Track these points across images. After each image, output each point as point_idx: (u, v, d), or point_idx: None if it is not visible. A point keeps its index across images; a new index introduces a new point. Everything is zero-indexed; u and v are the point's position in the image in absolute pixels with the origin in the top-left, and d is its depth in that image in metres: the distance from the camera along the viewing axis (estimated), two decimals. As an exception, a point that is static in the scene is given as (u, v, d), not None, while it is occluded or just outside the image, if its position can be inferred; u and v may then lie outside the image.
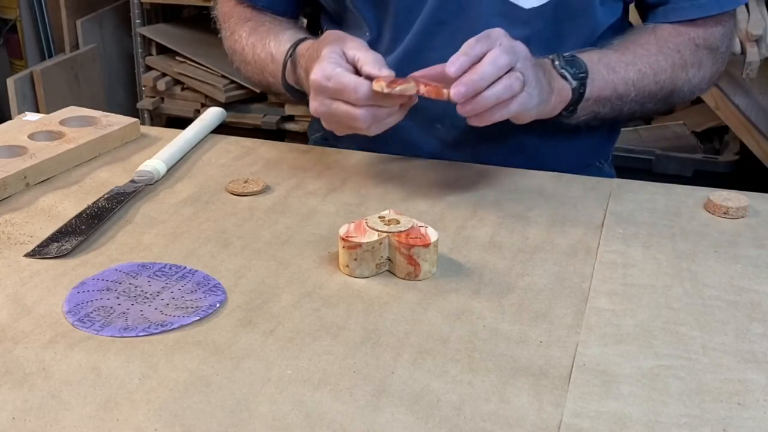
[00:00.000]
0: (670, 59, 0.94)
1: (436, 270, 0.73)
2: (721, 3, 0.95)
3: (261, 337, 0.64)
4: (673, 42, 0.94)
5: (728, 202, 0.85)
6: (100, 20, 2.72)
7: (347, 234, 0.72)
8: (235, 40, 1.02)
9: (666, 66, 0.93)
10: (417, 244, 0.71)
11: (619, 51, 0.92)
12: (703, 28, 0.95)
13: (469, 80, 0.73)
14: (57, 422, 0.54)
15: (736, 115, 2.05)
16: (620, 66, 0.91)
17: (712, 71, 0.98)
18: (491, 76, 0.74)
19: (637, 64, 0.92)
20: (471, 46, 0.76)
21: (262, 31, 0.99)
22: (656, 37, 0.94)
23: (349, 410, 0.56)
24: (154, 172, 0.90)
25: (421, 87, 0.75)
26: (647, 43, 0.94)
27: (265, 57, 0.96)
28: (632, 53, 0.92)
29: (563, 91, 0.87)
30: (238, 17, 1.04)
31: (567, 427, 0.55)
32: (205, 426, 0.54)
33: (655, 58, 0.93)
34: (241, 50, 1.01)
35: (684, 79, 0.95)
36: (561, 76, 0.86)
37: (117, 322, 0.65)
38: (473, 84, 0.73)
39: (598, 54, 0.91)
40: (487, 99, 0.75)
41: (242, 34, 1.01)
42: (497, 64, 0.74)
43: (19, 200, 0.86)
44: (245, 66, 1.02)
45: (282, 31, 0.98)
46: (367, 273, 0.72)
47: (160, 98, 2.59)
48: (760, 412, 0.57)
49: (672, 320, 0.67)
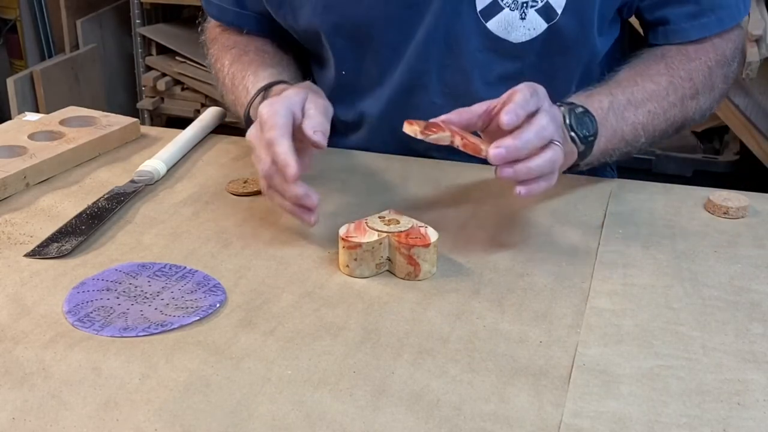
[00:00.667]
0: (681, 91, 0.90)
1: (436, 270, 0.73)
2: (723, 20, 0.92)
3: (261, 337, 0.64)
4: (684, 69, 0.90)
5: (728, 202, 0.85)
6: (100, 20, 2.72)
7: (347, 234, 0.72)
8: (218, 68, 1.00)
9: (676, 100, 0.90)
10: (417, 244, 0.71)
11: (628, 89, 0.88)
12: (713, 48, 0.92)
13: (512, 146, 0.69)
14: (57, 422, 0.54)
15: (736, 115, 2.05)
16: (629, 110, 0.87)
17: (723, 89, 0.95)
18: (534, 146, 0.71)
19: (647, 104, 0.88)
20: (527, 100, 0.71)
21: (245, 61, 0.96)
22: (666, 66, 0.90)
23: (349, 410, 0.56)
24: (154, 172, 0.90)
25: (457, 139, 0.71)
26: (657, 74, 0.89)
27: (242, 90, 0.93)
28: (642, 90, 0.88)
29: (571, 155, 0.82)
30: (223, 44, 1.01)
31: (567, 427, 0.55)
32: (205, 426, 0.54)
33: (665, 93, 0.89)
34: (223, 78, 0.98)
35: (695, 108, 0.92)
36: (570, 139, 0.81)
37: (117, 322, 0.65)
38: (516, 151, 0.70)
39: (608, 98, 0.86)
40: (531, 171, 0.71)
41: (225, 62, 0.98)
42: (542, 134, 0.71)
43: (19, 200, 0.86)
44: (225, 94, 0.99)
45: (264, 66, 0.93)
46: (367, 273, 0.72)
47: (160, 98, 2.59)
48: (760, 412, 0.57)
49: (672, 320, 0.67)
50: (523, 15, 0.87)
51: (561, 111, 0.81)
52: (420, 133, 0.71)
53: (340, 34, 0.93)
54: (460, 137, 0.71)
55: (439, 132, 0.71)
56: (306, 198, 0.72)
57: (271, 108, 0.74)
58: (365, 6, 0.90)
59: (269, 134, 0.72)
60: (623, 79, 0.89)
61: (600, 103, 0.85)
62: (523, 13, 0.87)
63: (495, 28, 0.89)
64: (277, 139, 0.72)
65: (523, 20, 0.88)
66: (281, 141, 0.71)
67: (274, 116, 0.73)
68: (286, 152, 0.71)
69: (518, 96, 0.72)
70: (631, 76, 0.89)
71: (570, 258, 0.76)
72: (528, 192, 0.71)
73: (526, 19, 0.87)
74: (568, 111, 0.82)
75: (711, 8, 0.91)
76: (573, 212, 0.85)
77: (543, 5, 0.87)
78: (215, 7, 1.01)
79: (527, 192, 0.71)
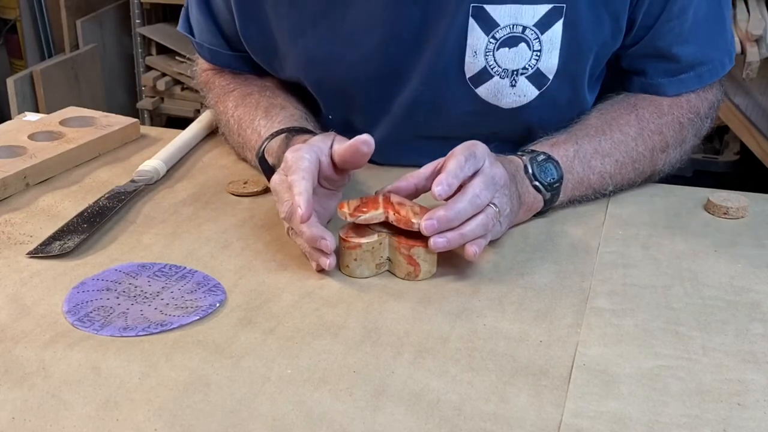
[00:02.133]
0: (650, 143, 0.88)
1: (436, 270, 0.73)
2: (702, 77, 0.89)
3: (261, 336, 0.64)
4: (655, 124, 0.88)
5: (728, 203, 0.85)
6: (100, 20, 2.72)
7: (347, 234, 0.72)
8: (221, 111, 0.97)
9: (645, 152, 0.87)
10: (417, 244, 0.71)
11: (595, 138, 0.85)
12: (687, 104, 0.90)
13: (444, 217, 0.69)
14: (57, 422, 0.54)
15: (736, 115, 2.05)
16: (596, 159, 0.84)
17: (695, 141, 0.93)
18: (467, 214, 0.70)
19: (615, 154, 0.86)
20: (461, 167, 0.70)
21: (250, 103, 0.93)
22: (637, 117, 0.88)
23: (349, 410, 0.56)
24: (154, 172, 0.90)
25: (390, 214, 0.71)
26: (627, 124, 0.87)
27: (251, 133, 0.90)
28: (610, 140, 0.85)
29: (534, 204, 0.81)
30: (222, 87, 0.99)
31: (567, 427, 0.55)
32: (204, 426, 0.54)
33: (634, 144, 0.86)
34: (227, 121, 0.96)
35: (664, 160, 0.90)
36: (534, 188, 0.80)
37: (117, 321, 0.65)
38: (447, 222, 0.69)
39: (574, 147, 0.84)
40: (465, 237, 0.70)
41: (228, 104, 0.96)
42: (476, 202, 0.70)
43: (19, 200, 0.86)
44: (230, 136, 0.96)
45: (274, 108, 0.91)
46: (367, 273, 0.72)
47: (160, 98, 2.60)
48: (760, 412, 0.57)
49: (672, 320, 0.67)
50: (513, 83, 0.85)
51: (522, 161, 0.81)
52: (350, 216, 0.71)
53: (324, 89, 0.93)
54: (394, 212, 0.71)
55: (371, 211, 0.71)
56: (320, 241, 0.70)
57: (297, 153, 0.74)
58: (346, 66, 0.88)
59: (291, 177, 0.72)
60: (591, 127, 0.87)
61: (565, 152, 0.83)
62: (513, 81, 0.85)
63: (485, 94, 0.86)
64: (297, 182, 0.71)
65: (513, 87, 0.86)
66: (300, 183, 0.71)
67: (299, 161, 0.73)
68: (300, 193, 0.70)
69: (451, 164, 0.70)
70: (599, 125, 0.87)
71: (570, 258, 0.76)
72: (480, 250, 0.71)
73: (517, 87, 0.86)
74: (530, 160, 0.81)
75: (691, 66, 0.88)
76: (573, 212, 0.85)
77: (534, 72, 0.85)
78: (207, 50, 0.99)
79: (479, 250, 0.71)
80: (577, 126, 0.87)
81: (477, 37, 0.83)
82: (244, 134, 0.92)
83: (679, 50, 0.88)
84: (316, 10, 0.86)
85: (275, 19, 0.89)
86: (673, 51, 0.88)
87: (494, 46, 0.83)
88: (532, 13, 0.82)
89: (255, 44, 0.93)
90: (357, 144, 0.73)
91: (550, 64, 0.85)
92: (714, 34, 0.89)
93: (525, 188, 0.80)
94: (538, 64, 0.85)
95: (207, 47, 0.99)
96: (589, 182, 0.85)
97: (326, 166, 0.76)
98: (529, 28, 0.83)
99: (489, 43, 0.83)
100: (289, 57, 0.92)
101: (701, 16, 0.87)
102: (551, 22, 0.82)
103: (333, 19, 0.86)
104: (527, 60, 0.84)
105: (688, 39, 0.87)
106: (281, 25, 0.89)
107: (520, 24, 0.82)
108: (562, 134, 0.86)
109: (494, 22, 0.82)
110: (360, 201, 0.74)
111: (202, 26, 0.97)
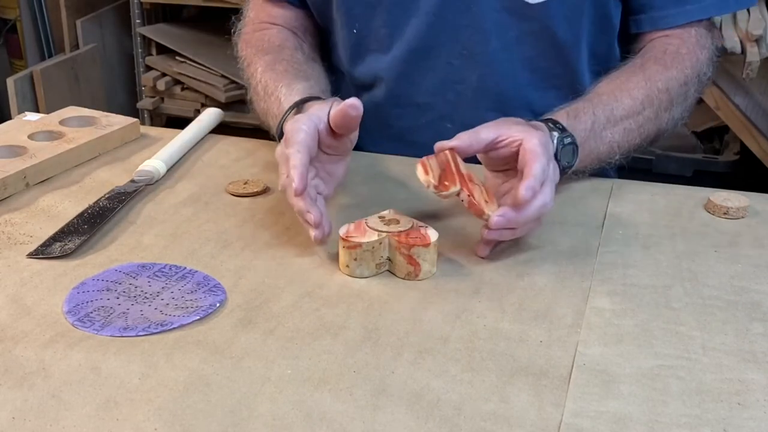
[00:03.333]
0: (656, 103, 0.90)
1: (436, 270, 0.73)
2: (707, 8, 0.94)
3: (261, 336, 0.64)
4: (661, 80, 0.91)
5: (728, 203, 0.85)
6: (100, 20, 2.72)
7: (347, 234, 0.72)
8: (250, 74, 0.99)
9: (651, 114, 0.90)
10: (417, 244, 0.71)
11: (608, 106, 0.88)
12: (689, 58, 0.93)
13: (513, 219, 0.72)
14: (57, 422, 0.54)
15: (736, 115, 2.05)
16: (608, 129, 0.87)
17: (694, 98, 0.96)
18: (530, 220, 0.73)
19: (624, 122, 0.88)
20: (544, 170, 0.73)
21: (278, 70, 0.95)
22: (645, 77, 0.91)
23: (349, 410, 0.56)
24: (154, 172, 0.90)
25: (464, 194, 0.73)
26: (636, 87, 0.90)
27: (274, 101, 0.92)
28: (620, 106, 0.88)
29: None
30: (257, 48, 1.00)
31: (567, 427, 0.55)
32: (204, 425, 0.54)
33: (641, 108, 0.89)
34: (255, 85, 0.97)
35: (668, 119, 0.93)
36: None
37: (117, 321, 0.65)
38: (515, 223, 0.72)
39: (591, 118, 0.86)
40: (513, 236, 0.75)
41: (258, 68, 0.97)
42: (542, 211, 0.73)
43: (19, 200, 0.86)
44: (257, 101, 0.98)
45: (297, 79, 0.92)
46: (367, 273, 0.72)
47: (160, 98, 2.59)
48: (760, 412, 0.57)
49: (672, 320, 0.67)
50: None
51: (552, 137, 0.81)
52: (435, 189, 0.72)
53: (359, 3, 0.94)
54: (468, 192, 0.72)
55: (451, 187, 0.72)
56: (306, 214, 0.73)
57: (295, 125, 0.76)
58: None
59: (288, 150, 0.74)
60: (604, 94, 0.89)
61: (584, 125, 0.85)
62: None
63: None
64: (293, 155, 0.73)
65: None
66: (295, 156, 0.73)
67: (296, 133, 0.75)
68: (295, 167, 0.72)
69: (536, 167, 0.72)
70: (611, 90, 0.89)
71: (570, 258, 0.76)
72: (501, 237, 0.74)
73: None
74: (559, 140, 0.82)
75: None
76: (573, 212, 0.85)
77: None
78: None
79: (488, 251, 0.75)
80: (591, 93, 0.89)
81: None
82: (268, 100, 0.94)
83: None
84: None
85: None
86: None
87: None
88: None
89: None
90: (345, 108, 0.74)
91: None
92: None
93: None
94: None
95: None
96: (597, 154, 0.87)
97: (325, 134, 0.77)
98: None
99: None
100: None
101: None
102: None
103: None
104: None
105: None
106: None
107: None
108: (579, 101, 0.88)
109: None
110: (439, 168, 0.74)
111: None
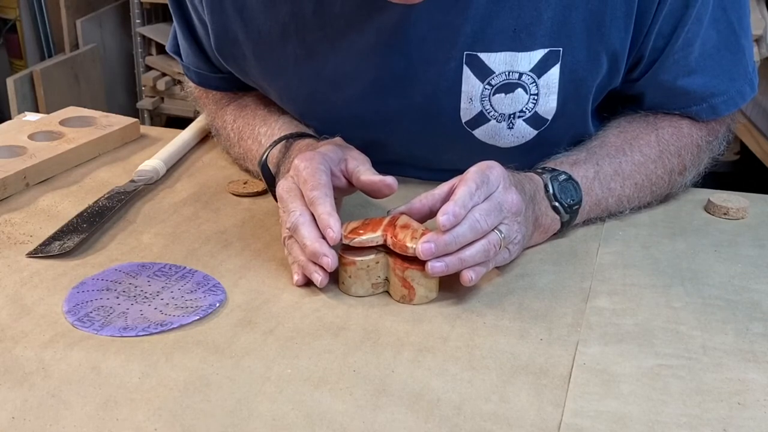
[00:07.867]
0: (669, 166, 0.85)
1: (435, 295, 0.70)
2: (717, 108, 0.86)
3: (261, 336, 0.64)
4: (675, 145, 0.85)
5: (728, 203, 0.85)
6: (100, 20, 2.72)
7: (344, 250, 0.70)
8: (219, 126, 0.97)
9: (664, 175, 0.85)
10: (412, 267, 0.67)
11: (615, 159, 0.82)
12: (706, 127, 0.88)
13: (441, 241, 0.66)
14: (57, 422, 0.54)
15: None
16: (616, 181, 0.82)
17: (707, 164, 0.90)
18: (466, 239, 0.67)
19: (635, 177, 0.83)
20: (471, 195, 0.68)
21: (247, 114, 0.93)
22: (657, 138, 0.85)
23: (349, 410, 0.56)
24: (154, 172, 0.90)
25: (388, 237, 0.68)
26: (647, 145, 0.84)
27: (252, 143, 0.89)
28: (630, 162, 0.83)
29: (552, 226, 0.79)
30: (217, 103, 0.99)
31: (567, 426, 0.55)
32: (204, 425, 0.54)
33: (654, 167, 0.84)
34: (227, 134, 0.95)
35: (681, 183, 0.88)
36: (553, 209, 0.78)
37: (117, 321, 0.65)
38: (445, 246, 0.66)
39: (594, 168, 0.81)
40: (461, 263, 0.67)
41: (226, 119, 0.95)
42: (476, 227, 0.67)
43: (19, 200, 0.86)
44: (230, 147, 0.96)
45: (272, 116, 0.91)
46: (361, 292, 0.70)
47: (160, 98, 2.60)
48: (760, 412, 0.57)
49: (672, 320, 0.67)
50: (510, 125, 0.82)
51: (543, 179, 0.78)
52: (344, 237, 0.69)
53: (311, 123, 0.90)
54: (392, 235, 0.68)
55: (368, 233, 0.69)
56: (322, 258, 0.68)
57: (311, 165, 0.73)
58: (331, 106, 0.86)
59: (313, 193, 0.70)
60: (612, 146, 0.84)
61: (586, 172, 0.81)
62: (510, 124, 0.82)
63: (482, 136, 0.84)
64: (321, 199, 0.70)
65: (510, 129, 0.83)
66: (324, 201, 0.70)
67: (317, 174, 0.72)
68: (330, 213, 0.69)
69: (460, 192, 0.68)
70: (620, 144, 0.84)
71: (570, 258, 0.76)
72: (477, 277, 0.68)
73: (514, 129, 0.83)
74: (551, 179, 0.78)
75: (702, 98, 0.85)
76: (573, 212, 0.85)
77: (531, 115, 0.82)
78: (194, 73, 0.98)
79: (477, 276, 0.68)
80: (596, 144, 0.84)
81: (472, 84, 0.80)
82: (245, 144, 0.91)
83: (686, 82, 0.84)
84: (298, 53, 0.83)
85: (253, 60, 0.86)
86: (678, 83, 0.84)
87: (490, 92, 0.80)
88: (528, 60, 0.79)
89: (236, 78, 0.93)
90: (380, 184, 0.73)
91: (548, 107, 0.82)
92: (728, 64, 0.85)
93: (543, 210, 0.77)
94: (535, 108, 0.82)
95: (194, 70, 0.98)
96: (606, 205, 0.83)
97: (336, 180, 0.75)
98: (526, 74, 0.79)
99: (484, 89, 0.80)
100: (271, 92, 0.90)
101: (711, 46, 0.83)
102: (548, 66, 0.79)
103: (316, 63, 0.83)
104: (524, 104, 0.81)
105: (695, 70, 0.83)
106: (261, 65, 0.87)
107: (516, 71, 0.79)
108: (582, 152, 0.83)
109: (489, 70, 0.79)
110: (362, 222, 0.71)
111: (188, 50, 0.96)
